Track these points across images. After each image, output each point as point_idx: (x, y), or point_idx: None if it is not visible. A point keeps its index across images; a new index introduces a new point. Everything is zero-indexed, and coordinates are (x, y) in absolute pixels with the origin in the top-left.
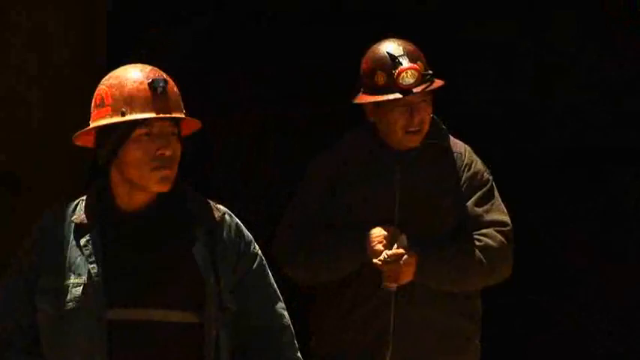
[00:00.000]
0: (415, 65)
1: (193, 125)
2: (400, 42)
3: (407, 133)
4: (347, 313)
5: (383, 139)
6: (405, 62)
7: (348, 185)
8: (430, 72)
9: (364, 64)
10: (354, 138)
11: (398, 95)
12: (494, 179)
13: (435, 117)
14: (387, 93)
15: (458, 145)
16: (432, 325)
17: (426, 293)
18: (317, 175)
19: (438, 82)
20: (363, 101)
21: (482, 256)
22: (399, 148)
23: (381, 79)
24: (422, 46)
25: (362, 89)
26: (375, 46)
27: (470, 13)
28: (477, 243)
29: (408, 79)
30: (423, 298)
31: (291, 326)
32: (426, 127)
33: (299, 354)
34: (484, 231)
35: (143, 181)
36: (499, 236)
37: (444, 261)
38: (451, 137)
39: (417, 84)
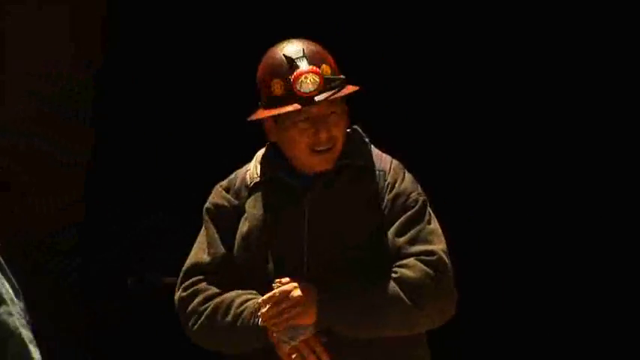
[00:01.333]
0: (315, 68)
1: None
2: (301, 42)
3: (313, 153)
4: None
5: (289, 164)
6: (304, 65)
7: (247, 222)
8: (340, 77)
9: (259, 72)
10: (256, 164)
11: (296, 106)
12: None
13: (356, 128)
14: (284, 105)
15: (383, 161)
16: None
17: (347, 347)
18: (211, 214)
19: (350, 88)
20: (257, 117)
21: (398, 290)
22: (307, 173)
23: (278, 88)
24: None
25: (260, 103)
26: (268, 52)
27: None
28: (392, 275)
29: (306, 85)
30: (344, 354)
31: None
32: (339, 145)
33: None
34: (403, 262)
35: None
36: (420, 265)
37: (349, 298)
38: (376, 151)
39: (319, 91)
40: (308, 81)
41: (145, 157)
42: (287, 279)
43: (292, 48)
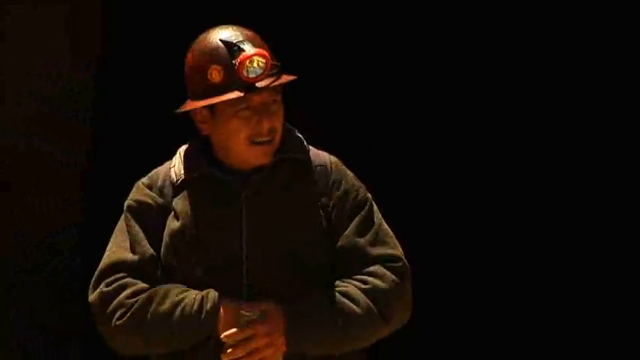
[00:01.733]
0: (263, 51)
1: None
2: (235, 27)
3: (252, 145)
4: None
5: (220, 160)
6: (249, 48)
7: (177, 222)
8: (277, 63)
9: (191, 60)
10: (182, 160)
11: (238, 93)
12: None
13: (286, 124)
14: (224, 92)
15: (321, 157)
16: None
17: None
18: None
19: (288, 77)
20: (191, 107)
21: (370, 302)
22: (241, 169)
23: (216, 75)
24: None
25: (189, 96)
26: (200, 38)
27: None
28: (363, 285)
29: (254, 68)
30: None
31: None
32: (278, 138)
33: None
34: (371, 269)
35: None
36: (389, 275)
37: (322, 316)
38: (312, 148)
39: (264, 76)
40: (255, 65)
41: (145, 157)
42: (251, 309)
43: (228, 33)
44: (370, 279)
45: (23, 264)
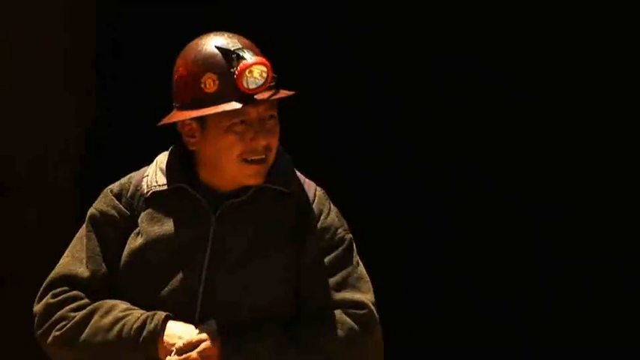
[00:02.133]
0: (264, 59)
1: None
2: (231, 34)
3: (244, 164)
4: None
5: (201, 177)
6: (249, 56)
7: (140, 239)
8: (276, 75)
9: (183, 68)
10: (158, 170)
11: (236, 105)
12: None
13: (280, 146)
14: (218, 103)
15: (306, 188)
16: None
17: None
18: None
19: (287, 92)
20: (178, 119)
21: (319, 351)
22: (221, 190)
23: (211, 84)
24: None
25: (176, 106)
26: (192, 45)
27: None
28: (315, 331)
29: (255, 79)
30: None
31: None
32: (272, 158)
33: None
34: (330, 314)
35: None
36: (349, 322)
37: (259, 358)
38: (299, 174)
39: (264, 88)
40: (256, 75)
41: (146, 157)
42: (202, 336)
43: (224, 40)
44: (326, 325)
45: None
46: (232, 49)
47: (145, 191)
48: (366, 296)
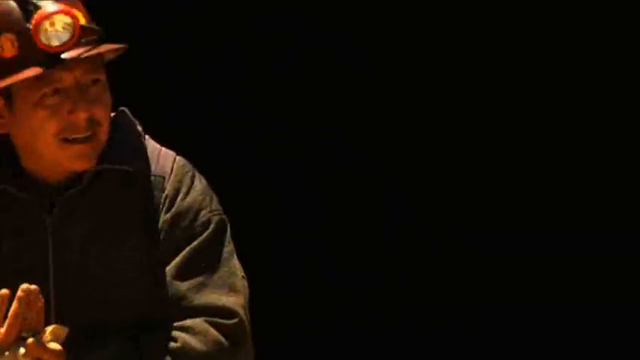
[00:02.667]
0: (67, 8)
1: None
2: None
3: (65, 144)
4: None
5: (28, 169)
6: (48, 5)
7: None
8: (97, 27)
9: None
10: None
11: (36, 69)
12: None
13: (124, 111)
14: (18, 70)
15: (161, 161)
16: None
17: None
18: None
19: (110, 45)
20: None
21: None
22: (51, 181)
23: (9, 47)
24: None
25: None
26: None
27: None
28: (172, 344)
29: (57, 32)
30: None
31: None
32: (104, 133)
33: None
34: (189, 322)
35: None
36: (213, 333)
37: None
38: (152, 145)
39: (73, 44)
40: (57, 27)
41: None
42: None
43: None
44: (183, 336)
45: None
46: None
47: None
48: (237, 300)
